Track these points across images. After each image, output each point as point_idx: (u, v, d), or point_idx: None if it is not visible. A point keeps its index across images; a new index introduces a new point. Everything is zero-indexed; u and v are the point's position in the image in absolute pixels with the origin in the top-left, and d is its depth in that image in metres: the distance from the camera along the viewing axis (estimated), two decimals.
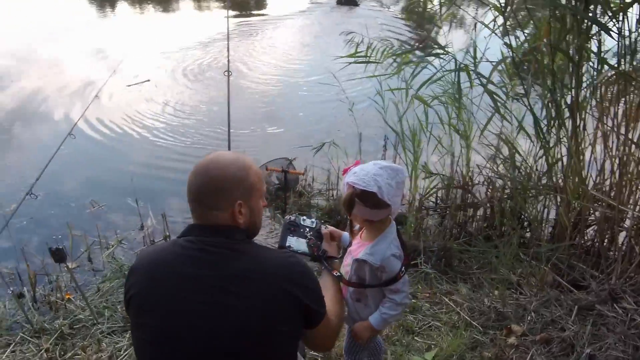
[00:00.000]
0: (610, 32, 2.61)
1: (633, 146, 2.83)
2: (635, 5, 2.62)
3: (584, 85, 2.90)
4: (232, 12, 11.18)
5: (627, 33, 2.65)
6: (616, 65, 2.73)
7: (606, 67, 2.83)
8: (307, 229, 1.74)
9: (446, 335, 2.55)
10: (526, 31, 3.21)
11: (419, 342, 2.53)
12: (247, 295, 1.25)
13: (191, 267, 1.28)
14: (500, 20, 3.13)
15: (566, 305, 2.57)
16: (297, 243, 1.69)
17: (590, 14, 2.64)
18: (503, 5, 2.97)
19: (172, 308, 1.26)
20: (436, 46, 3.36)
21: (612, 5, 2.65)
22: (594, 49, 2.82)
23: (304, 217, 1.78)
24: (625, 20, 2.64)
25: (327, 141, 4.42)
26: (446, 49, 3.28)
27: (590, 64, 2.96)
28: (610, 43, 2.78)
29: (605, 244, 3.02)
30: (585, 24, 2.70)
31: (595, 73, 2.86)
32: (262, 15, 12.17)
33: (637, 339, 2.24)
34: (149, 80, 7.15)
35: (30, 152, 5.25)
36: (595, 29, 2.75)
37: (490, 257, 3.17)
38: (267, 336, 1.26)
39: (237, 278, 1.26)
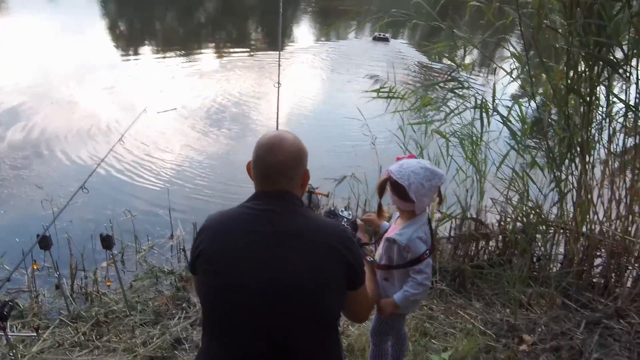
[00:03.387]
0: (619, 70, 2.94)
1: None
2: None
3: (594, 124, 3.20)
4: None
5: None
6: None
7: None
8: (345, 219, 1.99)
9: (461, 340, 2.71)
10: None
11: (436, 344, 2.70)
12: (303, 249, 1.47)
13: (257, 224, 1.50)
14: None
15: (574, 321, 2.75)
16: None
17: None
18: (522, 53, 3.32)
19: (238, 256, 1.48)
20: (458, 84, 3.70)
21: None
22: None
23: (342, 209, 2.06)
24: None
25: (348, 175, 4.72)
26: (467, 86, 3.61)
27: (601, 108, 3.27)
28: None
29: (612, 276, 3.20)
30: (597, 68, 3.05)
31: (605, 111, 3.16)
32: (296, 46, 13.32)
33: None
34: (175, 109, 7.77)
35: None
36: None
37: (502, 281, 3.35)
38: (319, 287, 1.46)
39: (295, 234, 1.49)
